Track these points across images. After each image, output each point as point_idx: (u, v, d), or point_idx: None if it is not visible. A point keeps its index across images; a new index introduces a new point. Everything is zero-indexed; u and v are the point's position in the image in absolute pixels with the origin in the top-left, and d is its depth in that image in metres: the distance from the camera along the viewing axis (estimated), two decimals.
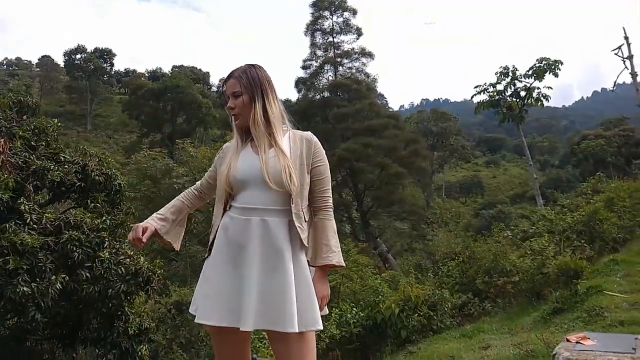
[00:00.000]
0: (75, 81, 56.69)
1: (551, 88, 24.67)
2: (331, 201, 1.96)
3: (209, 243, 1.95)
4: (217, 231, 1.91)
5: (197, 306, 1.87)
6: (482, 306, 8.56)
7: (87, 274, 4.97)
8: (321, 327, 1.81)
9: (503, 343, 5.98)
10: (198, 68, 67.60)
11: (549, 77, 23.68)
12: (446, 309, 8.41)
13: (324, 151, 1.97)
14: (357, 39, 29.43)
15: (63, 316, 5.36)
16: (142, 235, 1.95)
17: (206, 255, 1.94)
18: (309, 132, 1.99)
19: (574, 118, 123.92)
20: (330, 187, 1.98)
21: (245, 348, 1.98)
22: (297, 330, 1.71)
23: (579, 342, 3.11)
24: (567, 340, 3.18)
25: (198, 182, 2.20)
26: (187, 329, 8.08)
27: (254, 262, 1.77)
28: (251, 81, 1.91)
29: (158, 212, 2.08)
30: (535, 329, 6.32)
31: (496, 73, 25.14)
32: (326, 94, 27.82)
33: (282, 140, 1.88)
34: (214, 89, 68.05)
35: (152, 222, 2.02)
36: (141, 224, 2.00)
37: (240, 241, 1.81)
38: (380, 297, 8.45)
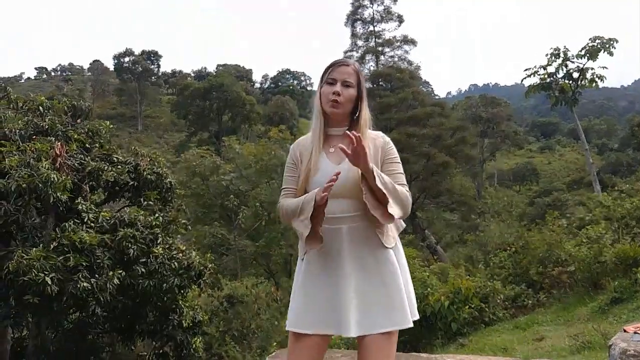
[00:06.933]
0: (124, 84, 58.87)
1: (606, 68, 23.44)
2: (407, 187, 1.89)
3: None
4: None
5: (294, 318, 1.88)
6: (537, 297, 8.30)
7: (143, 269, 5.21)
8: (411, 324, 1.87)
9: (558, 334, 5.80)
10: (241, 65, 68.77)
11: (603, 57, 22.49)
12: (498, 301, 8.22)
13: (394, 147, 1.95)
14: (399, 26, 29.11)
15: (121, 310, 5.63)
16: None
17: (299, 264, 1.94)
18: (380, 132, 1.96)
19: (633, 98, 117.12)
20: (403, 176, 1.93)
21: (322, 356, 1.96)
22: (406, 326, 1.81)
23: (637, 333, 2.97)
24: (624, 331, 3.05)
25: (292, 192, 1.97)
26: (239, 322, 8.27)
27: (349, 268, 1.81)
28: (362, 81, 1.92)
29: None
30: (593, 319, 6.09)
31: (547, 55, 24.14)
32: (368, 84, 27.58)
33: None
34: (257, 85, 68.94)
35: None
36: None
37: (332, 251, 1.84)
38: (429, 289, 8.34)
